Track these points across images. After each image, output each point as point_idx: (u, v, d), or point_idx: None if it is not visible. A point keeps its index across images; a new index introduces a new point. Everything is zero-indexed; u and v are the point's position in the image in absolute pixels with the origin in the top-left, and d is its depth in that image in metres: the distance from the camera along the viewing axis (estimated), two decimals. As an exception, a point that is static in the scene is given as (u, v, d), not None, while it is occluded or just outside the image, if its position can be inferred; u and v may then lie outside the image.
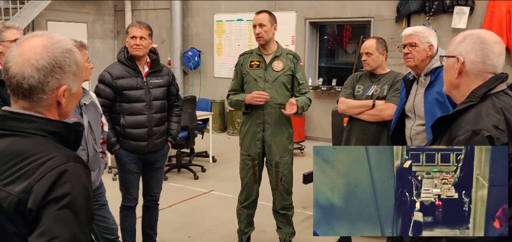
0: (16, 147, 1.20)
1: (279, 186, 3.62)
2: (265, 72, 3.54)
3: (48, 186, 1.13)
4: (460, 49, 1.63)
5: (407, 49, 2.85)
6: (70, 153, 1.22)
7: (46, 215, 1.12)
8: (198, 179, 6.01)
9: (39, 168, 1.15)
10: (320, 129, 8.43)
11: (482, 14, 6.93)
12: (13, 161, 1.18)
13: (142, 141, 3.28)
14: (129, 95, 3.23)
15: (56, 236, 1.10)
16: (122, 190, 3.43)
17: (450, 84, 1.68)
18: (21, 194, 1.14)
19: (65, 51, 1.24)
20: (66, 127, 1.26)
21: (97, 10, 10.05)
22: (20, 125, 1.21)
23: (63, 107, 1.27)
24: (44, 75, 1.21)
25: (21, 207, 1.14)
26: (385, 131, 3.41)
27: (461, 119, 1.56)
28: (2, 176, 1.18)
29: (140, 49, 3.22)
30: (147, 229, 3.62)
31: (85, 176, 1.21)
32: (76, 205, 1.15)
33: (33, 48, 1.21)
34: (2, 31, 2.79)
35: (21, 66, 1.20)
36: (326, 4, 8.10)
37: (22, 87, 1.21)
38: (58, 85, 1.23)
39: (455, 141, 1.51)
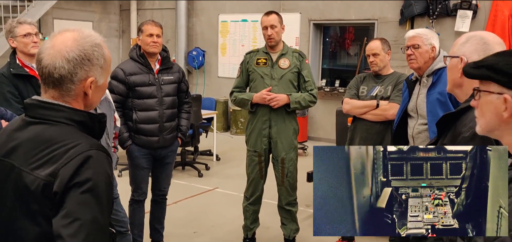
0: (45, 134, 1.27)
1: (284, 181, 3.70)
2: (271, 70, 3.61)
3: (73, 170, 1.20)
4: (464, 49, 1.70)
5: (411, 51, 2.93)
6: (94, 141, 1.30)
7: (69, 198, 1.19)
8: (203, 176, 6.09)
9: (65, 154, 1.22)
10: (322, 129, 8.50)
11: (485, 17, 7.00)
12: (41, 147, 1.26)
13: (153, 137, 3.37)
14: (141, 91, 3.32)
15: (78, 218, 1.17)
16: (132, 185, 3.51)
17: (453, 83, 1.75)
18: (48, 178, 1.21)
19: (94, 45, 1.32)
20: (91, 117, 1.34)
21: (103, 9, 10.14)
22: (49, 113, 1.29)
23: (89, 98, 1.34)
24: (74, 66, 1.28)
25: (47, 190, 1.21)
26: (389, 130, 3.48)
27: (465, 116, 1.63)
28: (30, 161, 1.25)
29: (157, 46, 3.32)
30: (155, 224, 3.70)
31: (107, 164, 1.28)
32: (98, 190, 1.22)
33: (64, 41, 1.30)
34: (15, 27, 2.89)
35: (53, 57, 1.28)
36: (330, 5, 8.17)
37: (53, 76, 1.29)
38: (86, 76, 1.31)
39: (459, 138, 1.57)
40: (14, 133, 1.33)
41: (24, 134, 1.30)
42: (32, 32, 2.92)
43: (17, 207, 1.27)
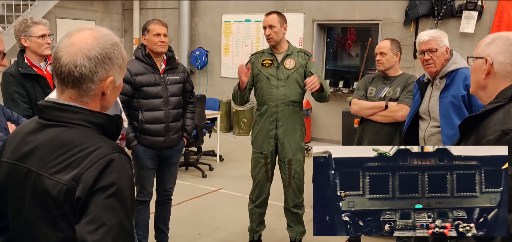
0: (63, 137, 1.23)
1: (292, 183, 3.66)
2: (277, 71, 3.58)
3: (96, 174, 1.16)
4: (489, 50, 1.66)
5: (428, 55, 2.86)
6: (114, 144, 1.26)
7: (94, 203, 1.15)
8: (206, 177, 6.05)
9: (87, 158, 1.19)
10: (326, 130, 8.46)
11: (490, 18, 6.96)
12: (60, 150, 1.22)
13: (159, 137, 3.33)
14: (148, 91, 3.28)
15: (104, 223, 1.14)
16: (137, 185, 3.47)
17: (477, 85, 1.71)
18: (71, 183, 1.17)
19: (114, 44, 1.29)
20: (109, 119, 1.30)
21: (105, 8, 10.11)
22: (66, 116, 1.25)
23: (107, 98, 1.31)
24: (95, 64, 1.25)
25: (70, 195, 1.17)
26: (398, 132, 3.45)
27: (489, 119, 1.59)
28: (50, 165, 1.21)
29: (164, 46, 3.29)
30: (160, 224, 3.66)
31: (129, 167, 1.24)
32: (123, 194, 1.18)
33: (84, 39, 1.26)
34: (30, 27, 2.83)
35: (73, 55, 1.24)
36: (334, 6, 8.13)
37: (73, 75, 1.24)
38: (106, 76, 1.28)
39: (483, 141, 1.52)
40: (29, 136, 1.29)
41: (40, 137, 1.26)
42: (47, 33, 2.89)
43: (36, 213, 1.23)
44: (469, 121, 1.67)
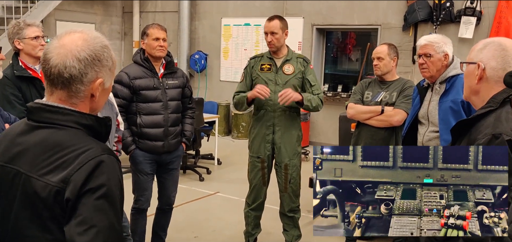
0: (53, 139, 1.24)
1: (287, 188, 3.66)
2: (276, 75, 3.58)
3: (86, 176, 1.17)
4: (481, 56, 1.67)
5: (422, 60, 2.87)
6: (104, 145, 1.27)
7: (83, 205, 1.16)
8: (204, 181, 6.05)
9: (76, 159, 1.19)
10: (324, 134, 8.46)
11: (489, 24, 6.97)
12: (50, 152, 1.22)
13: (158, 141, 3.32)
14: (146, 95, 3.27)
15: (95, 225, 1.14)
16: (135, 192, 3.44)
17: (470, 90, 1.72)
18: (60, 184, 1.18)
19: (104, 46, 1.30)
20: (98, 121, 1.31)
21: (105, 11, 10.13)
22: (56, 117, 1.26)
23: (96, 100, 1.32)
24: (85, 66, 1.26)
25: (59, 196, 1.18)
26: (394, 137, 3.45)
27: (480, 123, 1.60)
28: (39, 167, 1.22)
29: (163, 50, 3.28)
30: (158, 230, 3.66)
31: (119, 169, 1.25)
32: (112, 195, 1.19)
33: (74, 41, 1.27)
34: (23, 29, 2.83)
35: (63, 56, 1.25)
36: (333, 10, 8.15)
37: (62, 76, 1.25)
38: (96, 77, 1.29)
39: (474, 144, 1.53)
40: (18, 138, 1.30)
41: (30, 138, 1.27)
42: (40, 35, 2.89)
43: (25, 215, 1.23)
44: (461, 125, 1.67)
